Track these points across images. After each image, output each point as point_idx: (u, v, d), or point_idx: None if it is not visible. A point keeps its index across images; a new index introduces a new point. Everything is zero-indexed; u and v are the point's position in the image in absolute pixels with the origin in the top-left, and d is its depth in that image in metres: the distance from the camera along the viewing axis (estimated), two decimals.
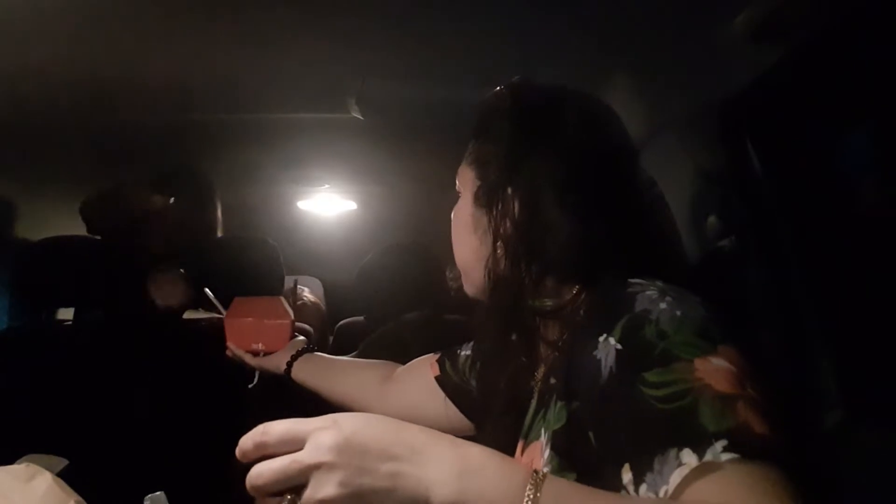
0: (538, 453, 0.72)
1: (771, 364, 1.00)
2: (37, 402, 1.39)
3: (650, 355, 0.59)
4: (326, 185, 2.11)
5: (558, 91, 0.81)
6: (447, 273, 1.84)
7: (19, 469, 0.79)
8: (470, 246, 0.81)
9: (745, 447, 0.52)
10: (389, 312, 1.73)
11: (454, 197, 0.88)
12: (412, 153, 1.71)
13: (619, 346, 0.62)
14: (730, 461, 0.51)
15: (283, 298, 1.29)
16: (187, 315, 1.31)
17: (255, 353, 1.24)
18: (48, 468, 0.81)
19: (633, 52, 1.10)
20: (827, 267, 1.01)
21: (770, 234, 1.02)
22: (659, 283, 0.67)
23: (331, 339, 2.30)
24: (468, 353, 1.03)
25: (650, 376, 0.57)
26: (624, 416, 0.59)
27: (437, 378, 1.05)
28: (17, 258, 1.88)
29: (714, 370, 0.56)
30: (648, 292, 0.65)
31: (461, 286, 0.89)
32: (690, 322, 0.61)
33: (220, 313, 1.28)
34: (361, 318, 2.09)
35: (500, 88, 0.83)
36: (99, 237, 1.49)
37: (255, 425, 0.55)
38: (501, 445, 0.63)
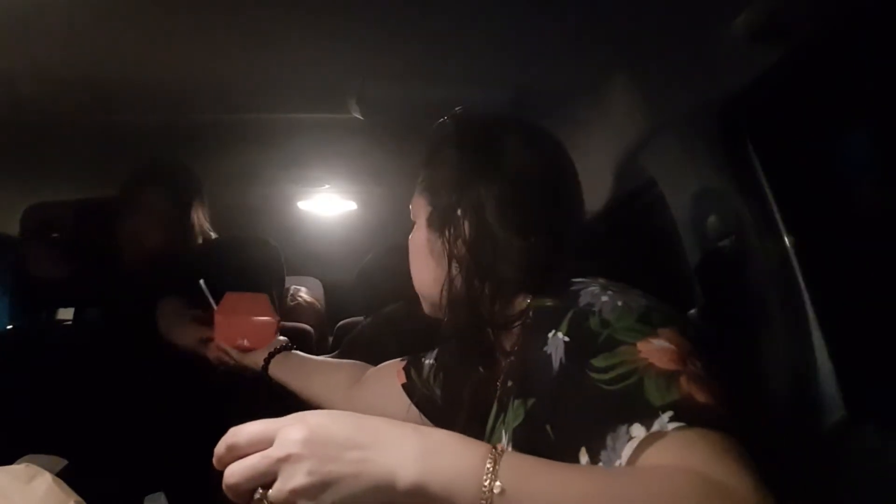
0: None
1: (771, 364, 1.00)
2: (37, 402, 1.39)
3: (595, 343, 0.63)
4: (326, 186, 2.11)
5: (499, 119, 0.88)
6: None
7: (19, 469, 0.79)
8: (427, 269, 0.87)
9: (690, 416, 0.55)
10: None
11: None
12: (412, 153, 1.70)
13: (566, 339, 0.67)
14: (676, 429, 0.55)
15: (268, 297, 1.31)
16: None
17: (240, 350, 1.26)
18: (48, 468, 0.81)
19: (633, 52, 1.10)
20: (827, 267, 1.01)
21: (770, 235, 1.02)
22: (601, 280, 0.72)
23: (331, 339, 2.30)
24: (432, 361, 1.07)
25: (597, 362, 0.61)
26: (576, 402, 0.62)
27: (403, 385, 1.08)
28: (17, 258, 1.88)
29: (656, 350, 0.60)
30: (591, 288, 0.70)
31: None
32: (631, 310, 0.65)
33: (212, 307, 1.29)
34: (361, 318, 2.10)
35: (444, 119, 0.90)
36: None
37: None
38: None
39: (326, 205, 2.30)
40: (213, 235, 1.64)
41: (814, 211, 1.06)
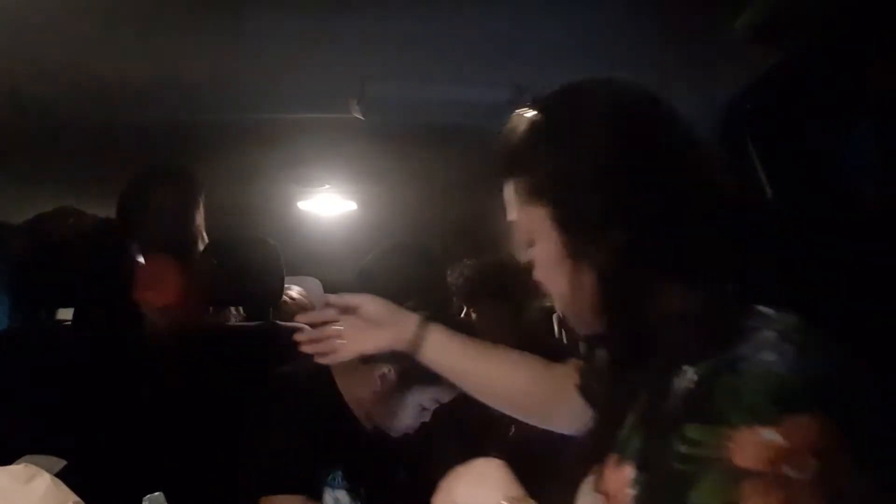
0: (628, 471, 0.67)
1: None
2: (36, 402, 1.39)
3: (705, 408, 0.55)
4: (327, 186, 2.11)
5: (569, 87, 0.77)
6: (448, 274, 1.84)
7: (19, 469, 0.80)
8: (570, 279, 0.72)
9: None
10: None
11: (454, 196, 0.87)
12: (412, 153, 1.70)
13: (692, 386, 0.58)
14: None
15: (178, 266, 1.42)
16: None
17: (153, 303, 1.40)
18: (47, 469, 0.81)
19: (633, 52, 1.10)
20: (827, 267, 1.01)
21: (770, 235, 1.02)
22: (791, 320, 0.59)
23: None
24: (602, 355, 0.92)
25: (689, 431, 0.55)
26: (651, 458, 0.59)
27: (576, 386, 0.95)
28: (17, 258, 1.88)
29: (752, 442, 0.52)
30: (767, 333, 0.57)
31: (461, 286, 0.89)
32: (778, 384, 0.54)
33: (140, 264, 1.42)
34: None
35: (517, 113, 0.77)
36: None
37: (251, 424, 0.56)
38: (600, 452, 0.68)
39: (326, 205, 2.30)
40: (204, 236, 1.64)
41: (814, 210, 1.06)
